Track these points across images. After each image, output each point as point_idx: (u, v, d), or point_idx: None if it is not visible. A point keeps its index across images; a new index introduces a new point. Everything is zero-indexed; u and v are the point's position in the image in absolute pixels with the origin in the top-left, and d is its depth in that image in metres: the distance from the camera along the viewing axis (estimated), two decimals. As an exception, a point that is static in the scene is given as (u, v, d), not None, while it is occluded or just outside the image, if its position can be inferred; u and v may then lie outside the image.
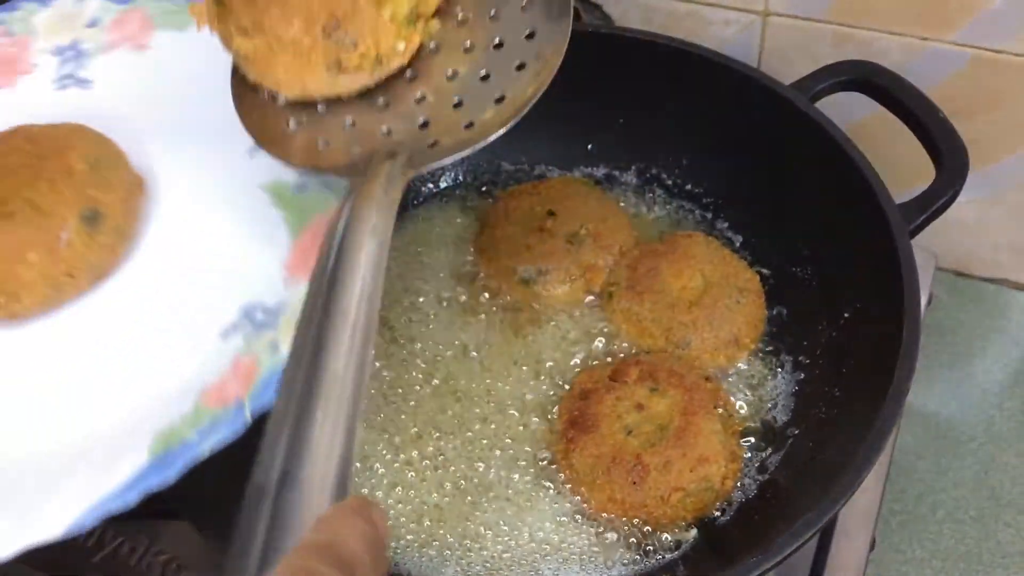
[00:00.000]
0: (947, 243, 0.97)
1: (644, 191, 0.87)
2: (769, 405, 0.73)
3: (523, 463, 0.71)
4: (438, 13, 0.54)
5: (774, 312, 0.78)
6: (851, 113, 0.84)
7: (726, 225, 0.83)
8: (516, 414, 0.74)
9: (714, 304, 0.75)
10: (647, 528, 0.67)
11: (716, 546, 0.65)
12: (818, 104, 0.76)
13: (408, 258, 0.84)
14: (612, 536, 0.67)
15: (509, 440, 0.72)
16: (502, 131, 0.49)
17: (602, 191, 0.85)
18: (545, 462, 0.71)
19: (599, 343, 0.77)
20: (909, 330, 0.60)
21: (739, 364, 0.75)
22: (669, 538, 0.67)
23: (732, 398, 0.73)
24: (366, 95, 0.53)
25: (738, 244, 0.82)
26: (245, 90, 0.54)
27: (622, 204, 0.85)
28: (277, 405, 0.36)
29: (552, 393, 0.74)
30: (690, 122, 0.83)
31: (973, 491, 0.88)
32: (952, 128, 0.70)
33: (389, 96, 0.52)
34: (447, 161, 0.49)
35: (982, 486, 0.88)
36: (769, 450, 0.70)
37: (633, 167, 0.87)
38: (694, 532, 0.67)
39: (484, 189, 0.89)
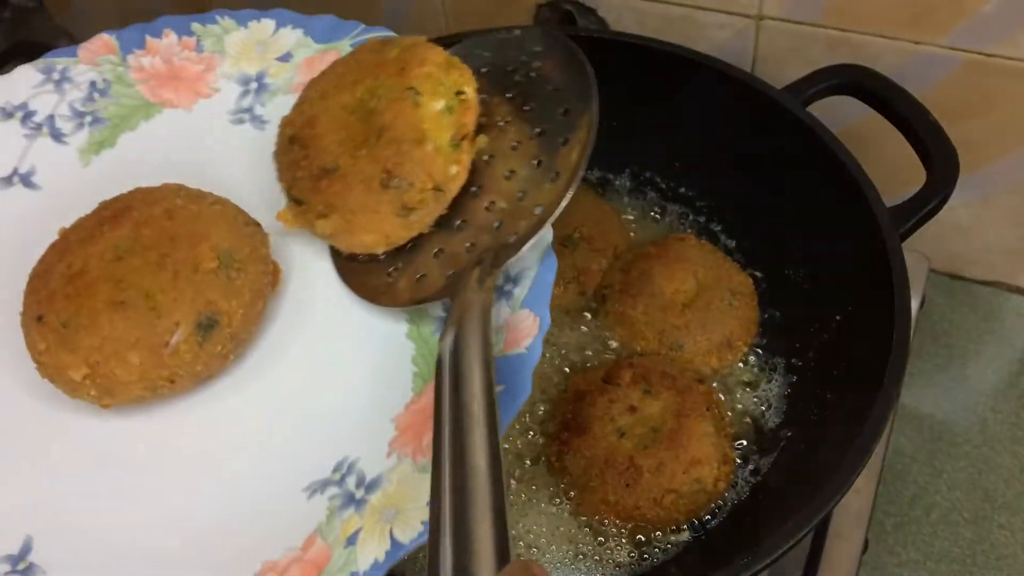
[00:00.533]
0: (941, 245, 0.97)
1: (637, 194, 0.87)
2: (762, 408, 0.73)
3: (516, 466, 0.71)
4: (480, 128, 0.58)
5: (766, 315, 0.78)
6: (843, 117, 0.84)
7: (719, 228, 0.84)
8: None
9: (707, 307, 0.75)
10: (640, 530, 0.67)
11: (708, 548, 0.65)
12: (811, 108, 0.76)
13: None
14: (604, 539, 0.67)
15: (503, 444, 0.72)
16: (566, 200, 0.55)
17: (596, 194, 0.86)
18: (538, 464, 0.71)
19: (593, 345, 0.77)
20: (899, 333, 0.60)
21: (731, 367, 0.75)
22: (662, 540, 0.67)
23: (724, 400, 0.73)
24: (442, 222, 0.58)
25: (731, 247, 0.83)
26: (345, 262, 0.60)
27: (616, 207, 0.86)
28: (432, 508, 0.40)
29: (545, 396, 0.75)
30: (683, 126, 0.83)
31: (967, 493, 0.88)
32: (943, 132, 0.71)
33: (462, 215, 0.57)
34: (527, 248, 0.54)
35: (976, 488, 0.88)
36: (761, 452, 0.70)
37: (627, 170, 0.88)
38: (686, 534, 0.67)
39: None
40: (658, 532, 0.67)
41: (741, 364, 0.76)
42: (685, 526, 0.67)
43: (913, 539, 0.86)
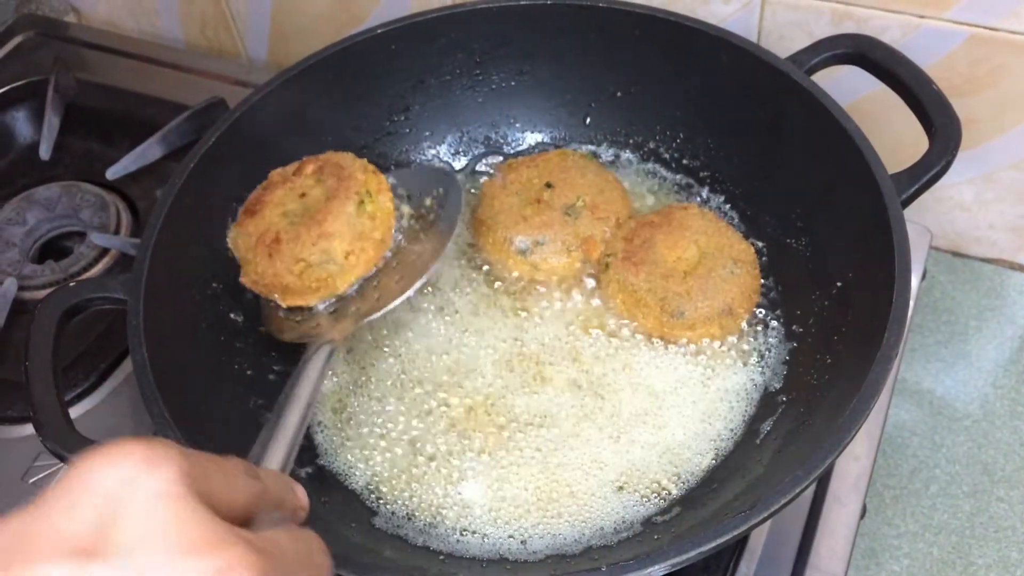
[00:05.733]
0: (944, 223, 0.97)
1: (641, 164, 0.87)
2: (762, 373, 0.73)
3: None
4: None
5: (768, 282, 0.78)
6: (848, 92, 0.84)
7: (722, 199, 0.84)
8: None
9: (708, 274, 0.75)
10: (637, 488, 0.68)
11: (705, 504, 0.65)
12: (814, 79, 0.76)
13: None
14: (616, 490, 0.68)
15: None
16: (401, 299, 0.72)
17: (599, 164, 0.86)
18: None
19: (595, 312, 0.78)
20: (899, 293, 0.60)
21: (733, 333, 0.76)
22: (659, 500, 0.68)
23: (723, 363, 0.74)
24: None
25: (734, 217, 0.83)
26: (271, 311, 0.76)
27: (619, 177, 0.86)
28: (263, 433, 0.57)
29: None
30: (687, 96, 0.83)
31: (966, 467, 0.89)
32: (945, 99, 0.71)
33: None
34: (388, 308, 0.71)
35: (975, 462, 0.89)
36: (761, 416, 0.71)
37: (630, 141, 0.88)
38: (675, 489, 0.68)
39: (482, 163, 0.90)
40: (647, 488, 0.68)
41: (742, 331, 0.76)
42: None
43: (912, 511, 0.87)
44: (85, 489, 0.38)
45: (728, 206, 0.83)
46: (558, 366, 0.75)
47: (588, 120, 0.89)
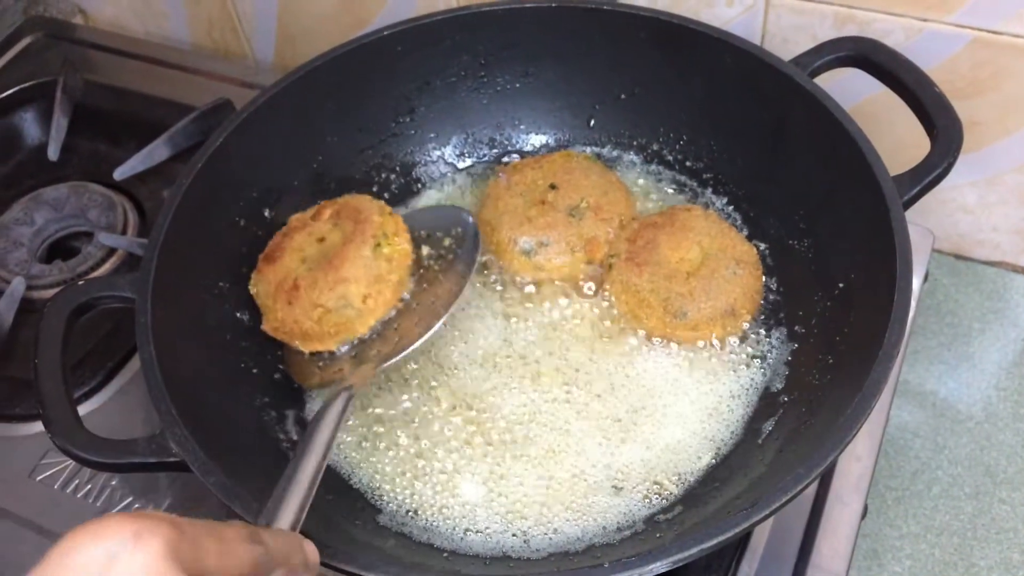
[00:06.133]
0: (947, 226, 0.97)
1: (644, 166, 0.88)
2: (764, 374, 0.74)
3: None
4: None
5: (770, 284, 0.79)
6: (850, 95, 0.85)
7: (725, 200, 0.84)
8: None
9: (711, 275, 0.76)
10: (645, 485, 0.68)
11: (705, 503, 0.66)
12: (817, 82, 0.77)
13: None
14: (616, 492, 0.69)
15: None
16: (422, 341, 0.72)
17: (603, 166, 0.86)
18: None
19: (598, 313, 0.78)
20: (900, 293, 0.61)
21: (735, 334, 0.76)
22: (660, 499, 0.68)
23: (724, 366, 0.74)
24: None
25: (737, 218, 0.83)
26: (294, 356, 0.77)
27: (623, 178, 0.86)
28: (279, 485, 0.57)
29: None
30: (691, 98, 0.84)
31: (969, 469, 0.89)
32: (947, 101, 0.71)
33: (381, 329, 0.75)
34: (406, 353, 0.71)
35: (978, 464, 0.89)
36: (763, 416, 0.71)
37: (634, 143, 0.88)
38: (675, 488, 0.69)
39: (487, 165, 0.91)
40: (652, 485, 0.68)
41: (745, 332, 0.76)
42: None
43: (914, 512, 0.87)
44: (69, 567, 0.38)
45: (731, 208, 0.84)
46: (557, 365, 0.76)
47: (592, 122, 0.89)
